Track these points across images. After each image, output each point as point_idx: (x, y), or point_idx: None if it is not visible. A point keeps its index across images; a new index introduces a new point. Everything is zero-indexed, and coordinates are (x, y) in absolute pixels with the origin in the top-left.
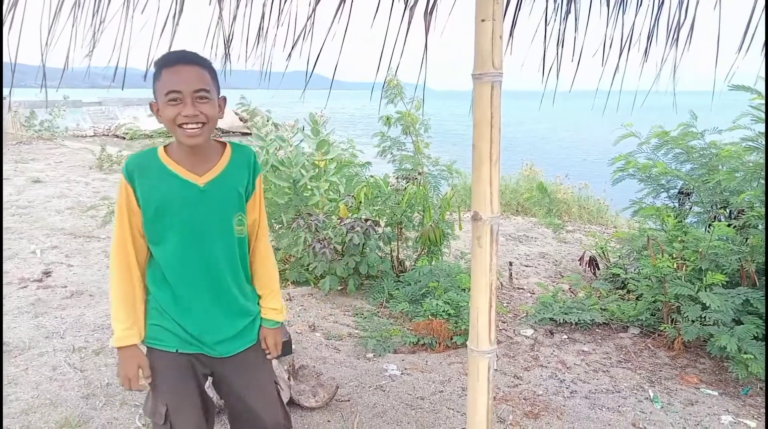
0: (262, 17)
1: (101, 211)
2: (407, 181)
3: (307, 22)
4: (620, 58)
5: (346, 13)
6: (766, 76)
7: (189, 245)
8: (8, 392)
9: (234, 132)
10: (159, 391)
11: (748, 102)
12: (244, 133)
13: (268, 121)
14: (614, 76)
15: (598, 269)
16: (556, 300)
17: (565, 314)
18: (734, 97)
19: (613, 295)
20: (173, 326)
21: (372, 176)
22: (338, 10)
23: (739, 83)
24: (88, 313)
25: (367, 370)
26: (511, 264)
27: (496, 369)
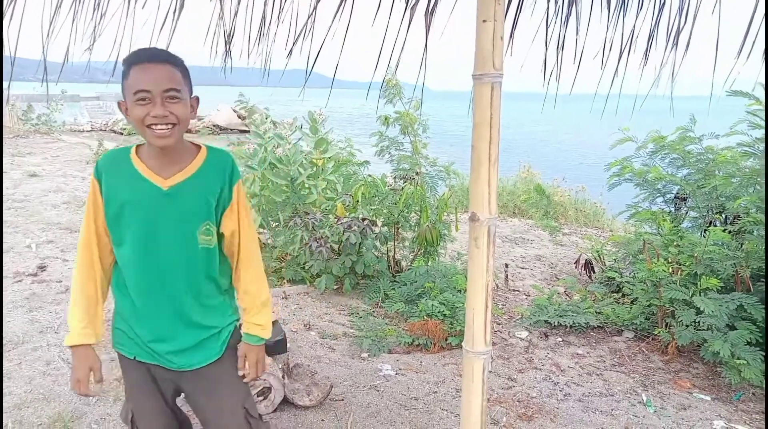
0: (263, 14)
1: None
2: (405, 181)
3: (308, 20)
4: (620, 62)
5: (347, 12)
6: (766, 82)
7: (146, 250)
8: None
9: (232, 129)
10: (127, 396)
11: (745, 107)
12: (243, 131)
13: (267, 119)
14: (613, 80)
15: (594, 272)
16: (552, 302)
17: (560, 317)
18: (732, 102)
19: (608, 299)
20: (131, 333)
21: (370, 175)
22: (339, 9)
23: (739, 88)
24: None
25: (362, 370)
26: (507, 266)
27: (491, 370)
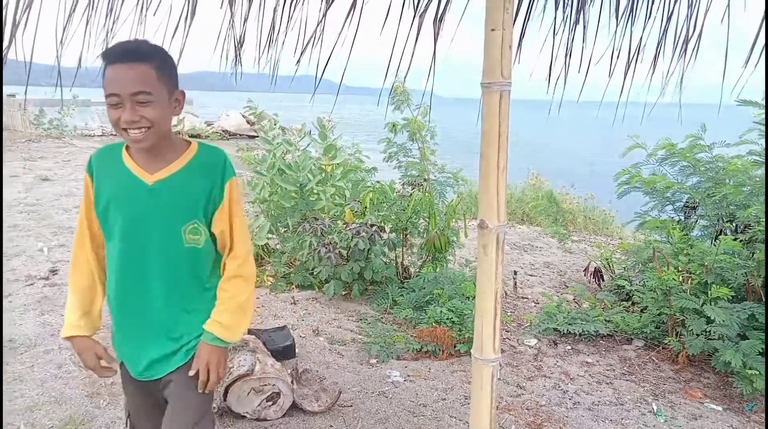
0: (273, 21)
1: None
2: (413, 188)
3: (317, 27)
4: (627, 70)
5: (356, 19)
6: (766, 84)
7: (130, 247)
8: (14, 389)
9: (241, 135)
10: (125, 395)
11: (753, 117)
12: (251, 136)
13: (276, 125)
14: (622, 88)
15: (603, 280)
16: (561, 310)
17: (569, 325)
18: (741, 111)
19: (618, 307)
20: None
21: (378, 182)
22: (348, 16)
23: (748, 97)
24: None
25: (370, 376)
26: (516, 273)
27: (500, 378)
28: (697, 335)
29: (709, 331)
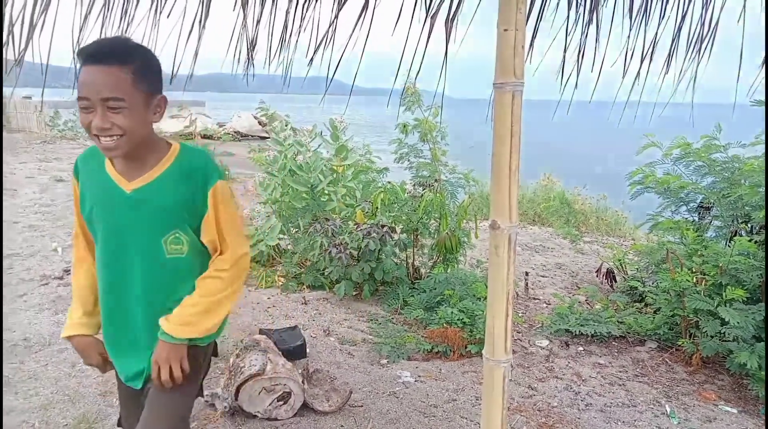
0: (285, 23)
1: None
2: (424, 188)
3: (329, 29)
4: (640, 70)
5: (368, 20)
6: (767, 84)
7: (111, 257)
8: (28, 387)
9: (253, 136)
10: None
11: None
12: (263, 137)
13: (287, 126)
14: (632, 88)
15: (615, 282)
16: (572, 311)
17: (581, 326)
18: (757, 111)
19: (631, 308)
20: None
21: (389, 182)
22: (360, 17)
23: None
24: None
25: (381, 377)
26: (527, 274)
27: (511, 379)
28: (712, 337)
29: (724, 333)
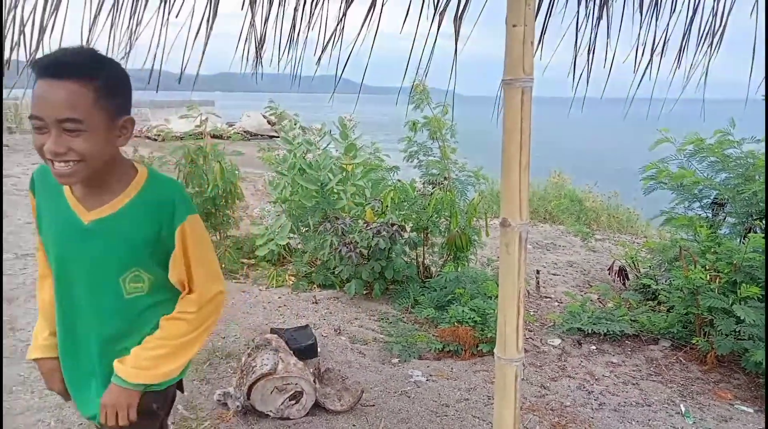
0: (293, 22)
1: None
2: (434, 186)
3: (337, 27)
4: (650, 64)
5: (376, 18)
6: (767, 84)
7: (62, 291)
8: (43, 386)
9: (262, 135)
10: None
11: None
12: (272, 136)
13: (296, 125)
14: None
15: (628, 279)
16: (585, 310)
17: (594, 324)
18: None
19: (644, 307)
20: None
21: (399, 180)
22: (368, 15)
23: None
24: None
25: (392, 376)
26: (539, 272)
27: (523, 378)
28: (726, 335)
29: (739, 331)
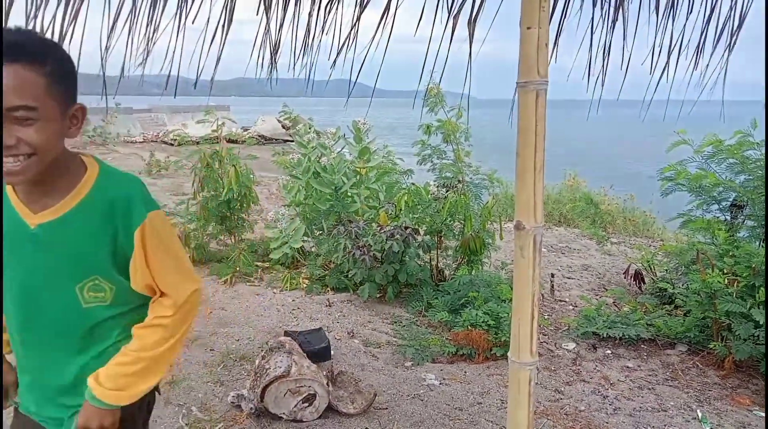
0: (308, 27)
1: None
2: (448, 190)
3: (351, 32)
4: (667, 67)
5: (389, 22)
6: (767, 83)
7: (15, 301)
8: None
9: (277, 139)
10: None
11: None
12: (287, 140)
13: (310, 129)
14: (657, 85)
15: (644, 283)
16: (600, 313)
17: (609, 328)
18: None
19: (660, 311)
20: None
21: (413, 184)
22: (382, 19)
23: None
24: None
25: (406, 379)
26: (553, 275)
27: (537, 382)
28: (745, 340)
29: (758, 336)
